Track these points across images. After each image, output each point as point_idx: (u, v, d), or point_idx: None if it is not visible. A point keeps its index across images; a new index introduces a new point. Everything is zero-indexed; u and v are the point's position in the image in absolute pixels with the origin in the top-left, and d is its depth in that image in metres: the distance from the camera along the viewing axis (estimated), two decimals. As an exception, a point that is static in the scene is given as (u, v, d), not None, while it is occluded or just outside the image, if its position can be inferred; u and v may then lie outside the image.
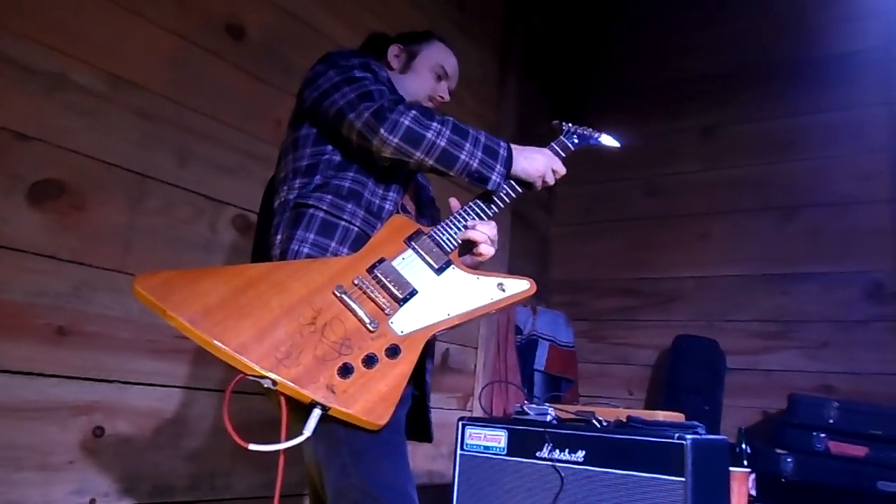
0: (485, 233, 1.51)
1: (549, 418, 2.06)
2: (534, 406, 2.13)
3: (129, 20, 1.98)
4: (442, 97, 1.75)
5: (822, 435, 2.78)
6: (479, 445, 2.11)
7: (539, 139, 1.67)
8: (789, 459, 2.78)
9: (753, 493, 2.49)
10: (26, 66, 1.74)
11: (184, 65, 2.13)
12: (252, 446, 1.17)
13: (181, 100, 2.11)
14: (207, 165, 2.18)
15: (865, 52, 3.49)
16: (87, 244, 1.86)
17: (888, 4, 3.46)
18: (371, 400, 1.22)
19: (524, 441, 2.02)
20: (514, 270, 3.67)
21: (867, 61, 3.47)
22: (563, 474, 1.92)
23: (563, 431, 1.97)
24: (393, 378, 1.26)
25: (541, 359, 3.63)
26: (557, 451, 1.95)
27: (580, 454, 1.91)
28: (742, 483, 2.31)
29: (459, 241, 1.51)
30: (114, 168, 1.93)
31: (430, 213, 1.73)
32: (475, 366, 3.48)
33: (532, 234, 4.13)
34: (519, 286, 1.47)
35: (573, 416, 2.11)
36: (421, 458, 3.01)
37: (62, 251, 1.80)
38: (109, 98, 1.92)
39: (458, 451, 2.14)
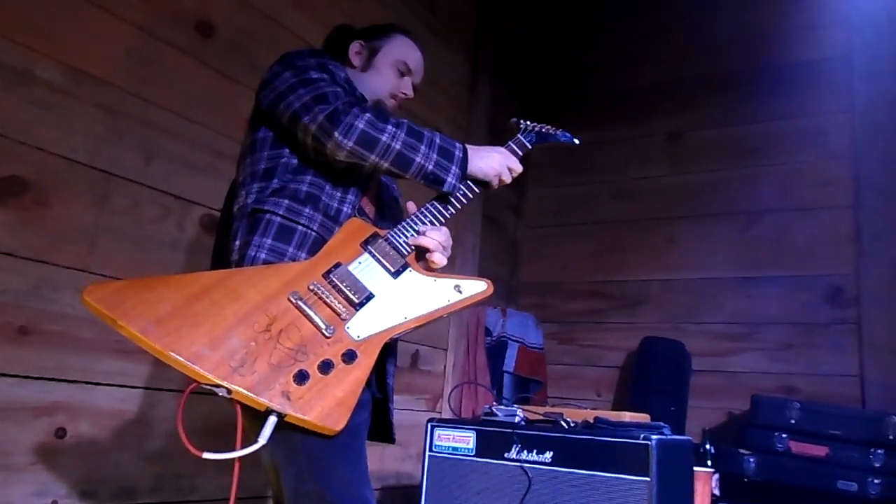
0: (436, 239, 1.49)
1: (517, 419, 2.07)
2: (502, 407, 2.13)
3: (95, 15, 1.95)
4: (405, 94, 1.71)
5: (784, 435, 2.82)
6: (448, 447, 2.11)
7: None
8: (752, 459, 2.82)
9: (717, 492, 2.53)
10: (-11, 60, 1.71)
11: (151, 61, 2.10)
12: (206, 455, 1.16)
13: (148, 96, 2.09)
14: (174, 163, 2.16)
15: (828, 60, 3.56)
16: (50, 242, 1.83)
17: (850, 14, 3.53)
18: (327, 406, 1.22)
19: (493, 442, 2.03)
20: (483, 272, 3.68)
21: (830, 69, 3.53)
22: (530, 475, 1.93)
23: (531, 432, 1.99)
24: (349, 383, 1.26)
25: (510, 360, 3.64)
26: (525, 451, 1.97)
27: (548, 455, 1.93)
28: (706, 483, 2.34)
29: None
30: (78, 165, 1.90)
31: (392, 214, 1.70)
32: (444, 367, 3.49)
33: (501, 236, 4.15)
34: (476, 287, 1.48)
35: (541, 418, 2.12)
36: (389, 460, 3.00)
37: (23, 249, 1.77)
38: (74, 94, 1.89)
39: (427, 453, 2.15)
